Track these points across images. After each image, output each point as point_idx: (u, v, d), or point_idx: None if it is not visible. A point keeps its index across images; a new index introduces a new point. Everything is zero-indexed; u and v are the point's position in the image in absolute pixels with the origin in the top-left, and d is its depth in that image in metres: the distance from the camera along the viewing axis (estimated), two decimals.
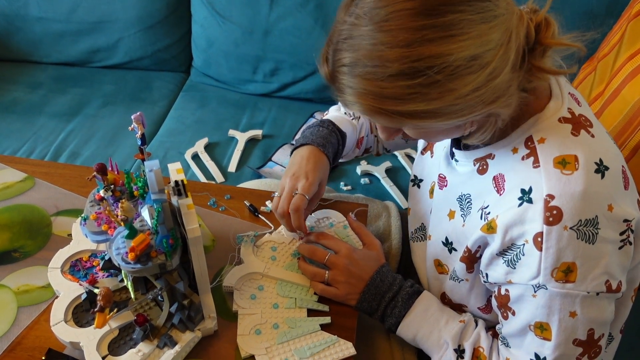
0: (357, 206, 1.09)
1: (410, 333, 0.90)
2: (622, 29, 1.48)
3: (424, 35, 0.64)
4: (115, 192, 0.88)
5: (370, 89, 0.68)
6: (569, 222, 0.72)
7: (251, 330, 0.89)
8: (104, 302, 0.76)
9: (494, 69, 0.67)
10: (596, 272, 0.73)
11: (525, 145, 0.78)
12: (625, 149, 1.35)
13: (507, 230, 0.76)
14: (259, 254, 1.00)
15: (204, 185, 1.15)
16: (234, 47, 1.81)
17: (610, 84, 1.45)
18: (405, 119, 0.70)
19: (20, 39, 1.94)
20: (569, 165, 0.73)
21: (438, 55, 0.64)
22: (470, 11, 0.65)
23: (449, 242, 0.91)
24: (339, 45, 0.70)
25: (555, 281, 0.74)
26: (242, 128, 1.76)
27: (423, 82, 0.65)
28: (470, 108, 0.69)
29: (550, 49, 0.73)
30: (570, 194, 0.72)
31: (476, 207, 0.84)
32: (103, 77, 1.95)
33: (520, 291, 0.78)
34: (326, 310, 0.92)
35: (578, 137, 0.76)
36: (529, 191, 0.75)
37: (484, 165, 0.84)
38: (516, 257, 0.76)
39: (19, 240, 1.02)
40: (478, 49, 0.65)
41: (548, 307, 0.76)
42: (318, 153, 1.00)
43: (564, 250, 0.72)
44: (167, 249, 0.78)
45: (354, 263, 0.93)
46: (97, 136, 1.74)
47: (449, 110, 0.69)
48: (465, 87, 0.67)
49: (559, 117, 0.78)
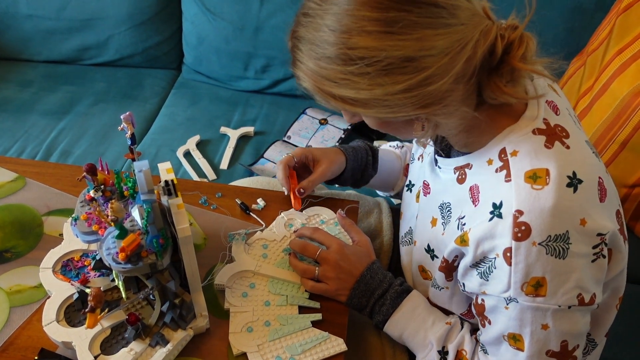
0: (348, 203, 1.10)
1: (397, 331, 0.91)
2: (611, 23, 1.48)
3: (363, 25, 0.65)
4: (106, 193, 0.88)
5: (312, 66, 0.71)
6: (538, 238, 0.71)
7: (243, 327, 0.89)
8: (95, 303, 0.77)
9: (431, 75, 0.67)
10: (567, 286, 0.73)
11: (499, 157, 0.77)
12: (614, 143, 1.37)
13: (478, 244, 0.76)
14: (251, 252, 1.00)
15: (195, 184, 1.15)
16: (225, 43, 1.81)
17: (599, 78, 1.46)
18: (339, 102, 0.72)
19: (10, 36, 1.94)
20: (539, 179, 0.72)
21: (372, 48, 0.66)
22: (416, 13, 0.65)
23: (431, 249, 0.91)
24: (299, 19, 0.72)
25: (525, 295, 0.74)
26: (233, 125, 1.76)
27: (355, 70, 0.67)
28: (400, 107, 0.70)
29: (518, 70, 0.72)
30: (539, 209, 0.71)
31: (455, 216, 0.85)
32: (94, 75, 1.94)
33: (493, 302, 0.78)
34: (317, 307, 0.93)
35: (551, 150, 0.74)
36: (499, 206, 0.74)
37: (463, 175, 0.84)
38: (488, 269, 0.77)
39: (10, 240, 1.02)
40: (416, 52, 0.66)
41: (520, 319, 0.76)
42: (334, 148, 1.08)
43: (533, 266, 0.72)
44: (158, 248, 0.78)
45: (344, 259, 0.93)
46: (89, 134, 1.73)
47: (377, 103, 0.70)
48: (395, 86, 0.67)
49: (533, 129, 0.76)
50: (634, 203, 1.38)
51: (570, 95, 1.57)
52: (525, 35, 0.72)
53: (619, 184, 1.38)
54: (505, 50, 0.71)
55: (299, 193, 1.04)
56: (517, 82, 0.74)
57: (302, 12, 0.72)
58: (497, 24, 0.71)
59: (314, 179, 1.05)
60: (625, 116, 1.34)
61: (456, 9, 0.67)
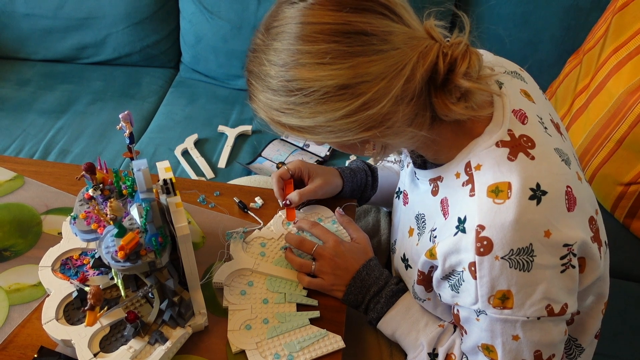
0: (346, 201, 1.10)
1: (390, 329, 0.92)
2: (607, 22, 1.49)
3: (298, 59, 0.69)
4: (104, 191, 0.88)
5: (261, 98, 0.75)
6: (500, 252, 0.71)
7: (241, 325, 0.90)
8: (94, 301, 0.77)
9: (369, 100, 0.69)
10: (534, 298, 0.73)
11: (465, 171, 0.77)
12: (610, 141, 1.37)
13: (445, 257, 0.77)
14: (249, 250, 1.01)
15: (193, 182, 1.16)
16: (223, 42, 1.82)
17: (595, 77, 1.47)
18: (289, 130, 0.76)
19: (7, 35, 1.93)
20: (501, 193, 0.72)
21: (307, 79, 0.69)
22: (346, 43, 0.67)
23: (405, 259, 0.92)
24: (248, 54, 0.76)
25: (493, 307, 0.74)
26: (231, 124, 1.76)
27: (296, 100, 0.70)
28: (343, 132, 0.72)
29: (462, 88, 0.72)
30: (500, 224, 0.71)
31: (428, 228, 0.85)
32: (91, 74, 1.94)
33: (466, 314, 0.79)
34: (315, 304, 0.94)
35: (514, 162, 0.74)
36: (463, 220, 0.74)
37: (436, 187, 0.84)
38: (458, 282, 0.77)
39: (9, 239, 1.02)
40: (350, 80, 0.68)
41: (490, 330, 0.76)
42: (333, 169, 1.11)
43: (497, 279, 0.72)
44: (157, 247, 0.79)
45: (340, 255, 0.94)
46: (87, 133, 1.74)
47: (322, 130, 0.72)
48: (334, 112, 0.70)
49: (497, 141, 0.76)
50: (630, 201, 1.39)
51: (567, 93, 1.58)
52: (470, 51, 0.72)
53: (615, 182, 1.39)
54: (449, 68, 0.71)
55: (284, 204, 1.04)
56: (469, 98, 0.73)
57: (250, 47, 0.75)
58: (439, 43, 0.72)
59: (304, 192, 1.04)
60: (621, 114, 1.35)
61: (388, 34, 0.68)
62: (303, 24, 0.69)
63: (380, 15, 0.69)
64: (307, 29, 0.68)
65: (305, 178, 1.07)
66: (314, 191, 1.05)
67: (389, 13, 0.69)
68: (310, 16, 0.68)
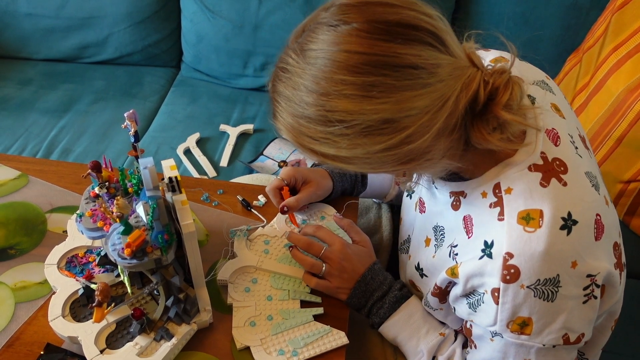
0: (348, 199, 1.11)
1: (391, 334, 0.92)
2: (607, 21, 1.50)
3: (341, 89, 0.65)
4: (110, 189, 0.89)
5: (291, 122, 0.70)
6: (526, 282, 0.70)
7: (246, 322, 0.91)
8: (102, 297, 0.78)
9: (412, 134, 0.66)
10: (553, 327, 0.73)
11: (494, 192, 0.75)
12: (610, 140, 1.38)
13: (468, 279, 0.76)
14: (252, 248, 1.01)
15: (196, 181, 1.17)
16: (224, 41, 1.82)
17: (595, 75, 1.47)
18: (320, 157, 0.72)
19: (10, 35, 1.94)
20: (532, 221, 0.71)
21: (350, 111, 0.65)
22: (394, 77, 0.64)
23: (420, 268, 0.91)
24: (277, 72, 0.71)
25: (510, 332, 0.74)
26: (233, 122, 1.77)
27: (335, 131, 0.67)
28: (380, 164, 0.70)
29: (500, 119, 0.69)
30: (529, 254, 0.70)
31: (447, 242, 0.84)
32: (93, 73, 1.95)
33: (480, 332, 0.79)
34: (319, 301, 0.94)
35: (547, 188, 0.72)
36: (490, 245, 0.73)
37: (457, 202, 0.82)
38: (477, 302, 0.77)
39: (14, 237, 1.03)
40: (395, 114, 0.65)
41: (504, 352, 0.77)
42: (322, 171, 1.09)
43: (520, 307, 0.72)
44: (163, 244, 0.80)
45: (347, 258, 0.94)
46: (89, 132, 1.74)
47: (358, 161, 0.70)
48: (374, 146, 0.67)
49: (530, 165, 0.74)
50: (629, 198, 1.40)
51: (567, 92, 1.59)
52: (512, 81, 0.69)
53: (615, 179, 1.40)
54: (489, 96, 0.68)
55: (282, 211, 1.02)
56: (505, 129, 0.71)
57: (280, 66, 0.71)
58: (481, 71, 0.69)
59: (301, 197, 1.03)
60: (620, 113, 1.36)
61: (437, 67, 0.65)
62: (349, 53, 0.64)
63: (428, 47, 0.65)
64: (353, 59, 0.64)
65: (299, 184, 1.07)
66: (309, 197, 1.05)
67: (436, 43, 0.66)
68: (356, 44, 0.64)
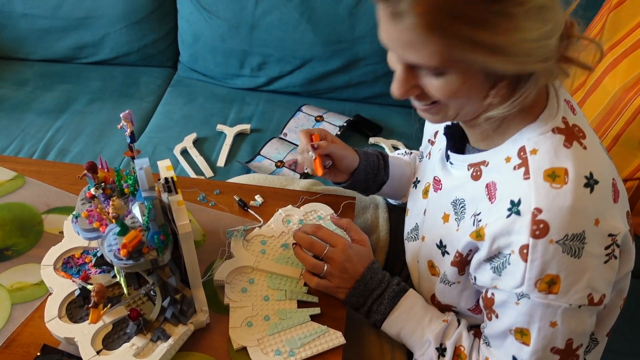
0: (345, 199, 1.11)
1: (395, 329, 0.92)
2: (603, 20, 1.50)
3: None
4: (106, 190, 0.89)
5: (442, 4, 0.64)
6: (555, 236, 0.72)
7: (243, 322, 0.90)
8: (98, 298, 0.78)
9: (552, 28, 0.68)
10: (579, 286, 0.74)
11: (518, 155, 0.78)
12: (606, 138, 1.38)
13: (494, 239, 0.77)
14: (249, 248, 1.01)
15: (193, 181, 1.17)
16: (221, 41, 1.82)
17: (591, 74, 1.48)
18: (460, 48, 0.67)
19: (5, 35, 1.93)
20: (558, 178, 0.73)
21: None
22: None
23: (443, 245, 0.91)
24: None
25: (538, 291, 0.75)
26: (230, 122, 1.77)
27: (500, 9, 0.64)
28: (525, 57, 0.68)
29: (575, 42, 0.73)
30: (558, 208, 0.72)
31: (469, 213, 0.85)
32: (90, 73, 1.94)
33: (504, 297, 0.79)
34: (316, 301, 0.94)
35: (570, 149, 0.75)
36: (517, 203, 0.75)
37: (478, 172, 0.84)
38: (502, 265, 0.77)
39: (10, 238, 1.03)
40: (547, 2, 0.67)
41: (529, 314, 0.77)
42: None
43: (549, 263, 0.73)
44: (159, 245, 0.80)
45: (349, 259, 0.94)
46: (86, 132, 1.74)
47: (507, 50, 0.67)
48: (531, 32, 0.67)
49: (553, 128, 0.77)
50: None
51: None
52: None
53: None
54: None
55: (312, 148, 0.99)
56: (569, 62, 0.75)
57: None
58: None
59: (332, 143, 1.02)
60: (617, 111, 1.36)
61: None
62: None
63: None
64: None
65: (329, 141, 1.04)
66: (339, 148, 1.03)
67: None
68: None
